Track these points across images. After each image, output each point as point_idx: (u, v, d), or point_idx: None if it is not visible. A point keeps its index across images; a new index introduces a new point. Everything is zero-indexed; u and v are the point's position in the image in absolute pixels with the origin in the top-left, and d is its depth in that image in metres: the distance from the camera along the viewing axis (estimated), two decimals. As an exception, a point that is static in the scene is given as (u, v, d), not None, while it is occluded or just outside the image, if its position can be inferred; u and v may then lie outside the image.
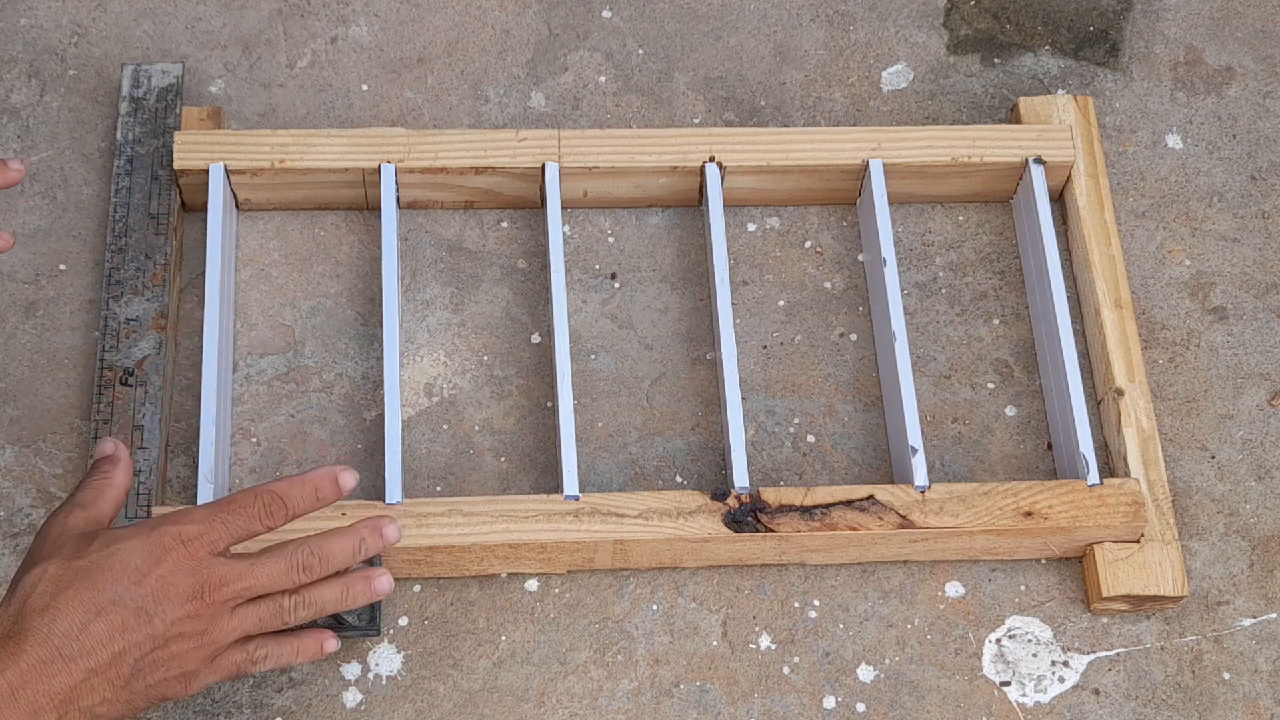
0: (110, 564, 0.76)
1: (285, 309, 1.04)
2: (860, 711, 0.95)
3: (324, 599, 0.83)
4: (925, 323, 1.06)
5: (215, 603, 0.79)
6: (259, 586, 0.80)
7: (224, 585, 0.79)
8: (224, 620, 0.79)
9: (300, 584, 0.82)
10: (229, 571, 0.79)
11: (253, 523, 0.81)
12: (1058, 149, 1.07)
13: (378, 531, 0.84)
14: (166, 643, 0.77)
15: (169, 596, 0.77)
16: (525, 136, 1.05)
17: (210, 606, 0.78)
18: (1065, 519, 0.95)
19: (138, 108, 1.06)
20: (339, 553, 0.83)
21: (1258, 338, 1.07)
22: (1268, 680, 0.97)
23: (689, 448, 1.02)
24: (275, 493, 0.81)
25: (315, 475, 0.83)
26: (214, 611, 0.79)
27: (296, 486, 0.82)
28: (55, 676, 0.73)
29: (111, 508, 0.83)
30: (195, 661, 0.79)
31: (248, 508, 0.81)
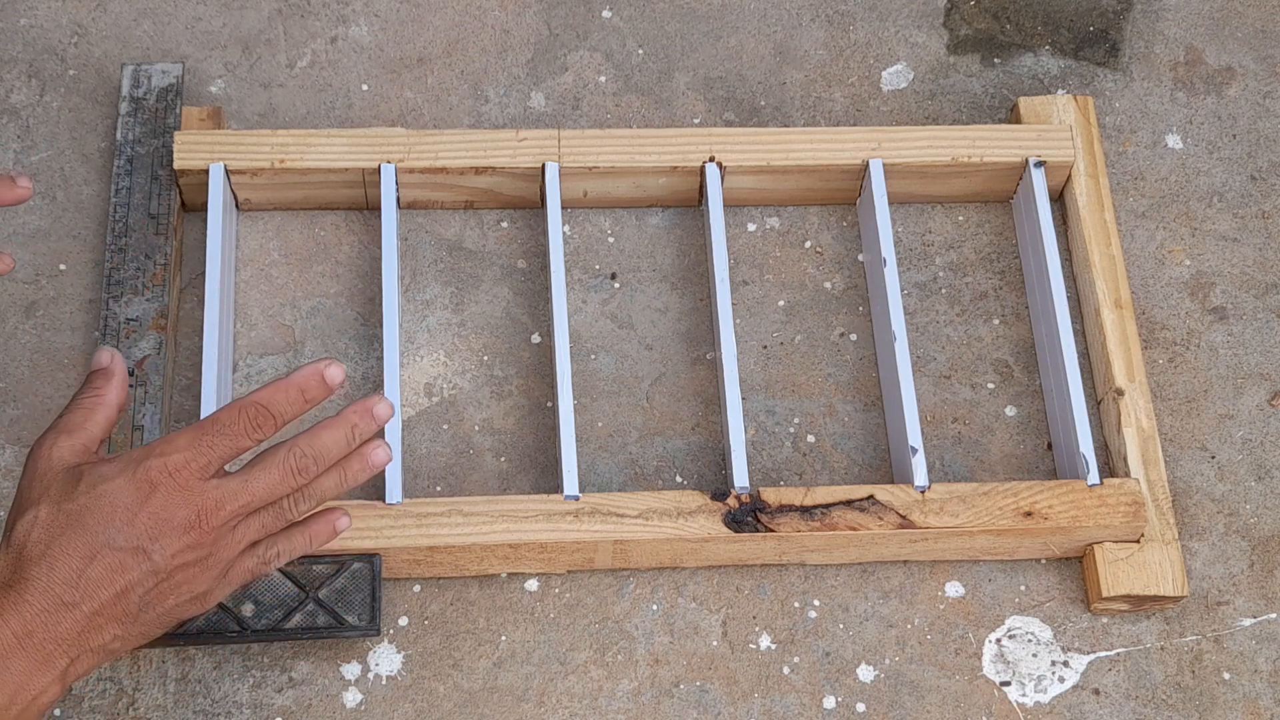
0: (100, 505, 0.74)
1: (285, 309, 1.04)
2: (860, 711, 0.95)
3: (324, 489, 0.80)
4: (925, 323, 1.06)
5: (214, 527, 0.76)
6: (256, 501, 0.77)
7: (220, 508, 0.76)
8: (226, 539, 0.77)
9: (297, 488, 0.79)
10: (223, 493, 0.76)
11: (240, 439, 0.77)
12: (1058, 149, 1.07)
13: (368, 413, 0.79)
14: (170, 574, 0.76)
15: (165, 530, 0.75)
16: (525, 136, 1.05)
17: (209, 532, 0.76)
18: (1065, 519, 0.95)
19: (138, 108, 1.06)
20: (332, 446, 0.79)
21: (1258, 338, 1.07)
22: (1268, 680, 0.97)
23: (689, 448, 1.02)
24: (260, 404, 0.77)
25: (300, 376, 0.78)
26: (214, 535, 0.76)
27: (281, 392, 0.77)
28: (61, 622, 0.73)
29: (101, 430, 0.79)
30: (205, 582, 0.78)
31: (233, 425, 0.76)
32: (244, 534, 0.78)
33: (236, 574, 0.80)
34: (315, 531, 0.82)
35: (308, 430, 0.79)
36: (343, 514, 0.83)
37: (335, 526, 0.83)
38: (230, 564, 0.79)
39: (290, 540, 0.82)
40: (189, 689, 0.93)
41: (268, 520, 0.79)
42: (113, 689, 0.93)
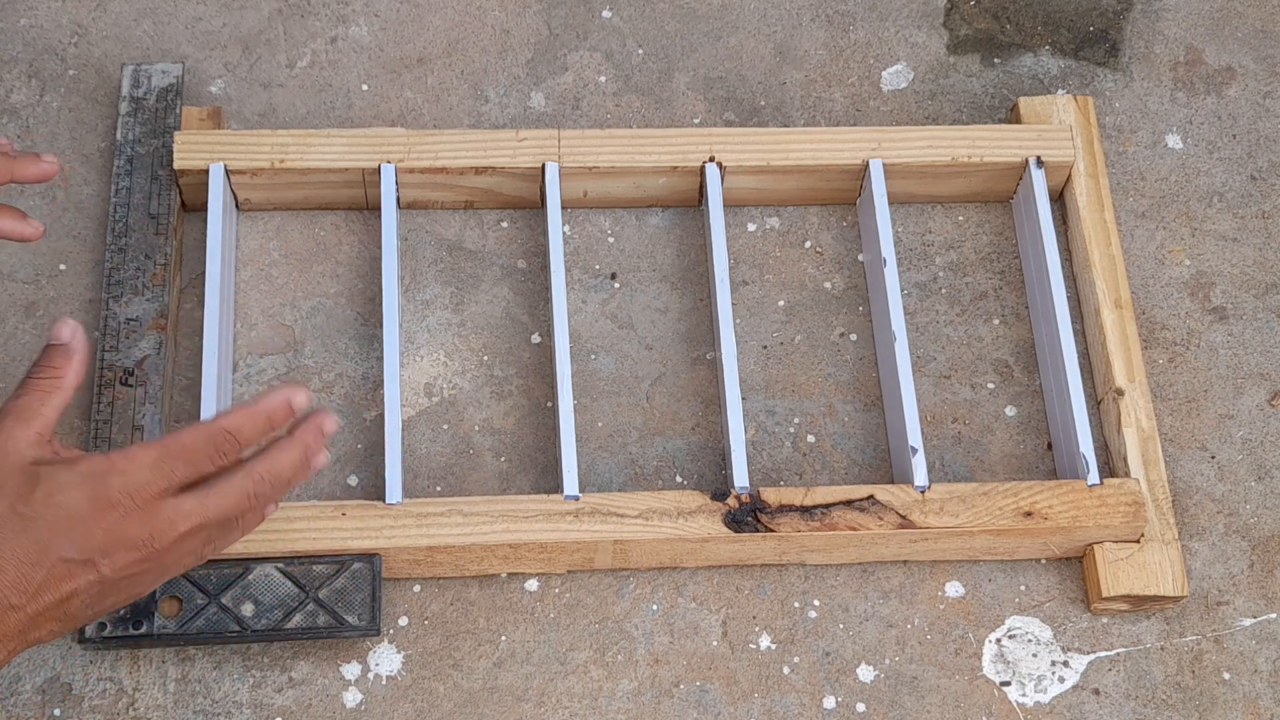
0: (55, 516, 0.74)
1: (285, 309, 1.04)
2: (860, 711, 0.95)
3: (273, 496, 0.79)
4: (925, 323, 1.06)
5: (165, 544, 0.76)
6: (211, 521, 0.77)
7: (174, 527, 0.76)
8: (174, 550, 0.77)
9: (252, 508, 0.79)
10: (179, 514, 0.76)
11: (204, 464, 0.77)
12: (1058, 149, 1.07)
13: (319, 432, 0.80)
14: (116, 583, 0.76)
15: (117, 546, 0.75)
16: (525, 136, 1.05)
17: (160, 548, 0.76)
18: (1065, 519, 0.95)
19: (138, 108, 1.06)
20: (288, 468, 0.79)
21: (1258, 338, 1.07)
22: (1268, 680, 0.97)
23: (689, 448, 1.02)
24: (228, 430, 0.77)
25: (268, 404, 0.78)
26: (164, 547, 0.76)
27: (249, 420, 0.78)
28: (4, 621, 0.73)
29: (56, 415, 0.78)
30: (146, 586, 0.78)
31: (198, 450, 0.76)
32: (192, 545, 0.78)
33: (174, 571, 0.79)
34: (249, 524, 0.81)
35: (266, 453, 0.79)
36: (270, 501, 0.80)
37: (264, 514, 0.81)
38: (171, 565, 0.78)
39: (228, 537, 0.80)
40: (189, 689, 0.93)
41: (216, 535, 0.79)
42: (113, 689, 0.93)
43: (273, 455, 0.79)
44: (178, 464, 0.76)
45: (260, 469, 0.78)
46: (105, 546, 0.75)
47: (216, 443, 0.77)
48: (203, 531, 0.77)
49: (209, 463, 0.77)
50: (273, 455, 0.79)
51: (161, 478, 0.76)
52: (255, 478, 0.78)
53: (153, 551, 0.76)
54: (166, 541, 0.76)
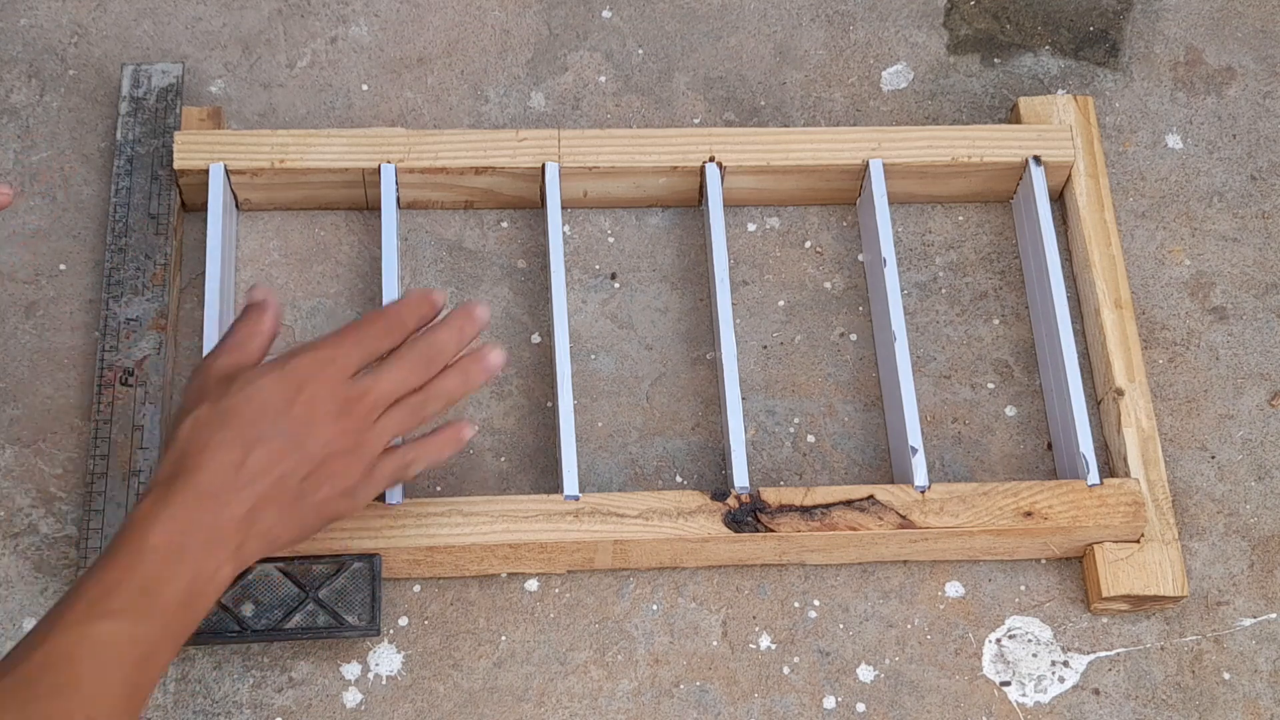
0: (254, 400, 0.81)
1: (285, 309, 1.04)
2: (860, 711, 0.95)
3: (449, 388, 0.87)
4: (925, 323, 1.06)
5: (359, 416, 0.83)
6: (392, 390, 0.84)
7: (363, 398, 0.83)
8: (370, 431, 0.84)
9: (425, 380, 0.86)
10: (363, 386, 0.84)
11: (375, 346, 0.85)
12: (1058, 149, 1.07)
13: (470, 316, 0.88)
14: (323, 462, 0.82)
15: (316, 419, 0.82)
16: (525, 136, 1.05)
17: (356, 420, 0.83)
18: (1065, 519, 0.96)
19: (138, 108, 1.06)
20: (447, 343, 0.87)
21: (1258, 338, 1.07)
22: (1268, 680, 0.97)
23: (689, 448, 1.02)
24: (388, 314, 0.86)
25: (412, 294, 0.88)
26: (359, 424, 0.83)
27: (404, 307, 0.87)
28: (226, 506, 0.79)
29: (259, 352, 0.86)
30: (354, 475, 0.84)
31: (367, 334, 0.85)
32: (385, 427, 0.85)
33: (380, 475, 0.85)
34: (444, 440, 0.88)
35: (423, 333, 0.87)
36: (468, 424, 0.89)
37: (461, 435, 0.88)
38: (374, 463, 0.85)
39: (425, 448, 0.87)
40: (189, 689, 0.93)
41: (404, 416, 0.85)
42: (113, 689, 0.93)
43: (426, 331, 0.87)
44: (353, 345, 0.84)
45: (419, 342, 0.86)
46: (305, 420, 0.82)
47: (383, 326, 0.86)
48: (393, 413, 0.85)
49: (379, 344, 0.85)
50: (426, 331, 0.87)
51: (341, 352, 0.84)
52: (418, 347, 0.86)
53: (349, 423, 0.83)
54: (360, 413, 0.83)
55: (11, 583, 0.95)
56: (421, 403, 0.86)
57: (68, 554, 0.96)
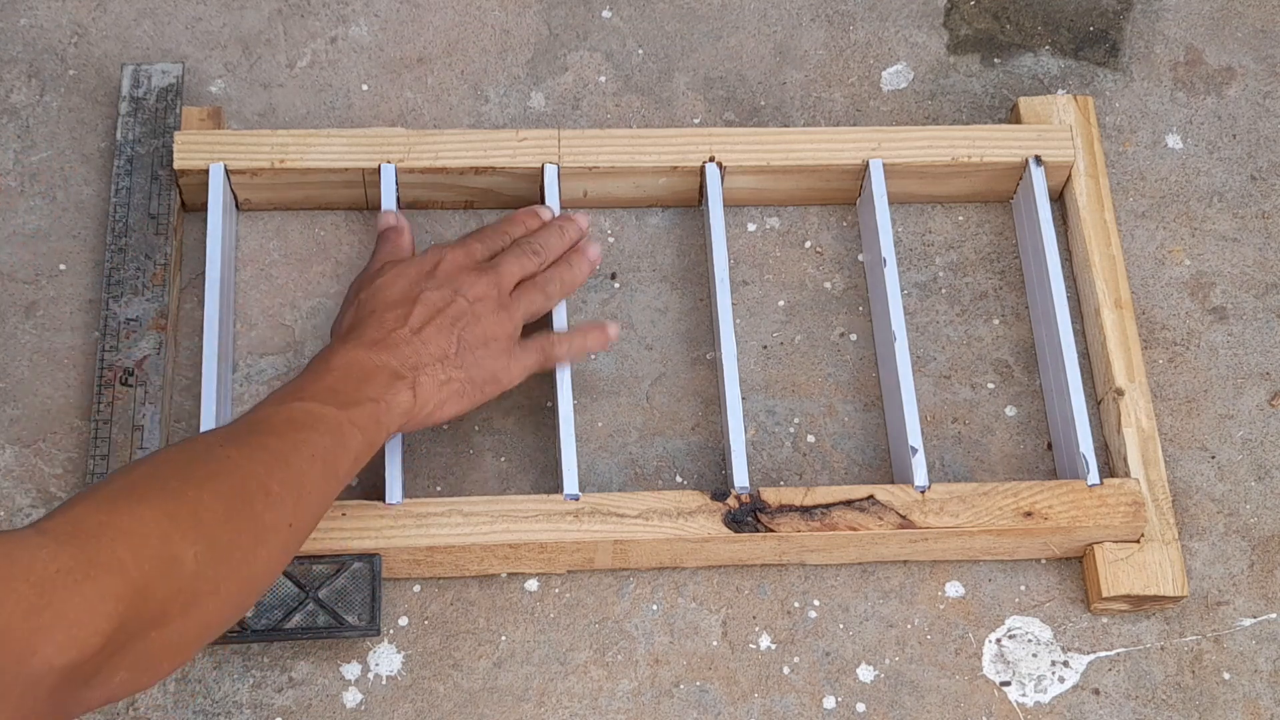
0: (406, 272, 0.93)
1: (285, 309, 1.04)
2: (860, 711, 0.95)
3: (562, 275, 0.98)
4: (925, 323, 1.06)
5: (494, 277, 0.94)
6: (512, 273, 0.95)
7: (494, 269, 0.94)
8: (507, 295, 0.94)
9: (539, 269, 0.97)
10: (491, 262, 0.95)
11: (495, 240, 0.97)
12: (1058, 149, 1.07)
13: (570, 219, 1.00)
14: (472, 303, 0.92)
15: (460, 272, 0.93)
16: (525, 136, 1.05)
17: (493, 278, 0.94)
18: (1065, 519, 0.95)
19: (138, 108, 1.06)
20: (550, 238, 0.98)
21: (1258, 338, 1.07)
22: (1268, 680, 0.97)
23: (689, 448, 1.02)
24: (504, 222, 1.00)
25: (524, 210, 1.02)
26: (498, 282, 0.94)
27: (519, 216, 1.00)
28: (397, 341, 0.89)
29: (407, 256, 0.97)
30: (504, 330, 0.93)
31: (486, 236, 0.97)
32: (519, 296, 0.95)
33: (529, 352, 0.95)
34: (591, 330, 0.98)
35: (528, 233, 0.99)
36: (614, 324, 0.99)
37: (607, 332, 0.99)
38: (517, 338, 0.94)
39: (569, 335, 0.97)
40: (189, 689, 0.93)
41: (533, 294, 0.95)
42: (113, 689, 0.93)
43: (533, 233, 0.99)
44: (474, 243, 0.96)
45: (523, 240, 0.98)
46: (451, 273, 0.93)
47: (498, 230, 0.98)
48: (525, 291, 0.95)
49: (496, 243, 0.97)
50: (533, 233, 0.99)
51: (467, 247, 0.95)
52: (524, 242, 0.97)
53: (492, 279, 0.94)
54: (493, 277, 0.94)
55: (11, 583, 0.95)
56: (543, 282, 0.96)
57: (68, 554, 0.96)
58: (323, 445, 0.82)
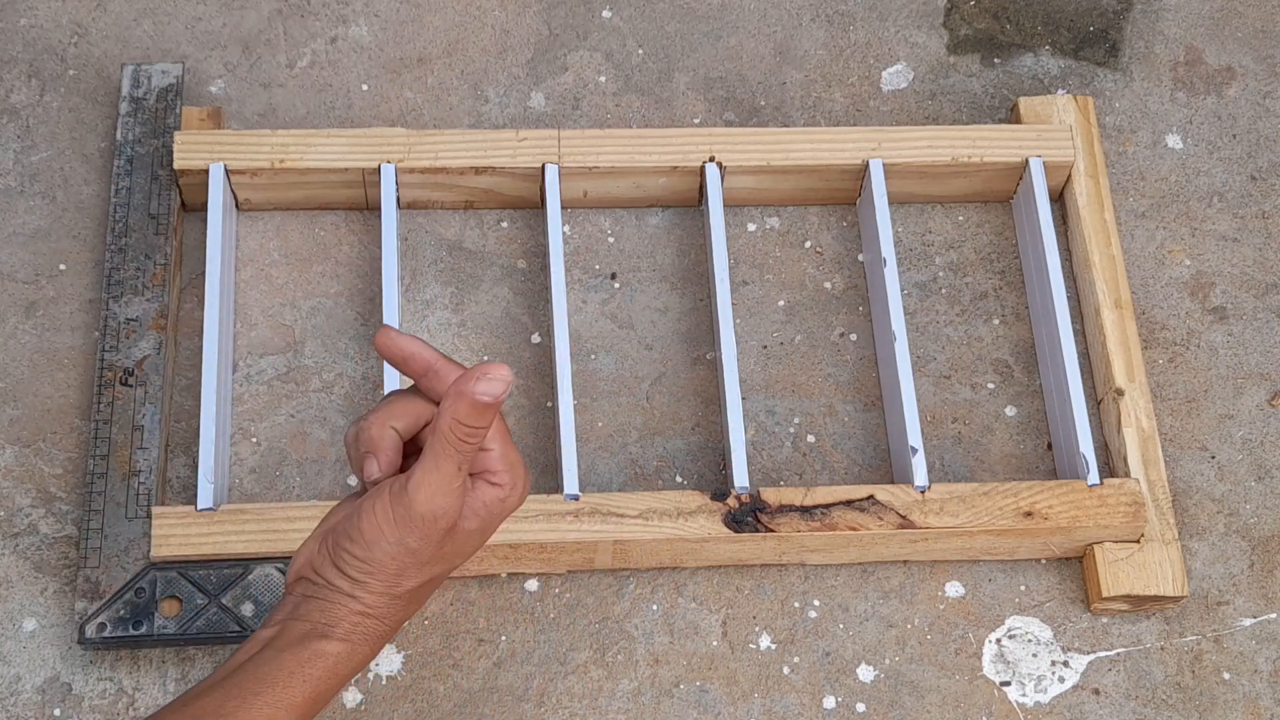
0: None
1: (285, 309, 1.04)
2: (860, 711, 0.95)
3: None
4: (925, 323, 1.06)
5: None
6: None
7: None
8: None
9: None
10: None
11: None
12: (1058, 149, 1.07)
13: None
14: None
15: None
16: (525, 136, 1.05)
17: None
18: (1065, 519, 0.95)
19: (138, 108, 1.06)
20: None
21: (1258, 338, 1.07)
22: (1268, 680, 0.97)
23: (689, 448, 1.02)
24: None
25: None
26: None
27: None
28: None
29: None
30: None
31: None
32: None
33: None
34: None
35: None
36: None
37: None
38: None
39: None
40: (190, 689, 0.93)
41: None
42: (113, 689, 0.93)
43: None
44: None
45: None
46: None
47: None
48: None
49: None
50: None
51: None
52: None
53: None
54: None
55: (11, 583, 0.95)
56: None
57: (68, 554, 0.96)
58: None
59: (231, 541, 0.93)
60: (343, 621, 0.73)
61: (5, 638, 0.94)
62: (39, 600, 0.95)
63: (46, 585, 0.95)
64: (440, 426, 0.71)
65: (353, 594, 0.74)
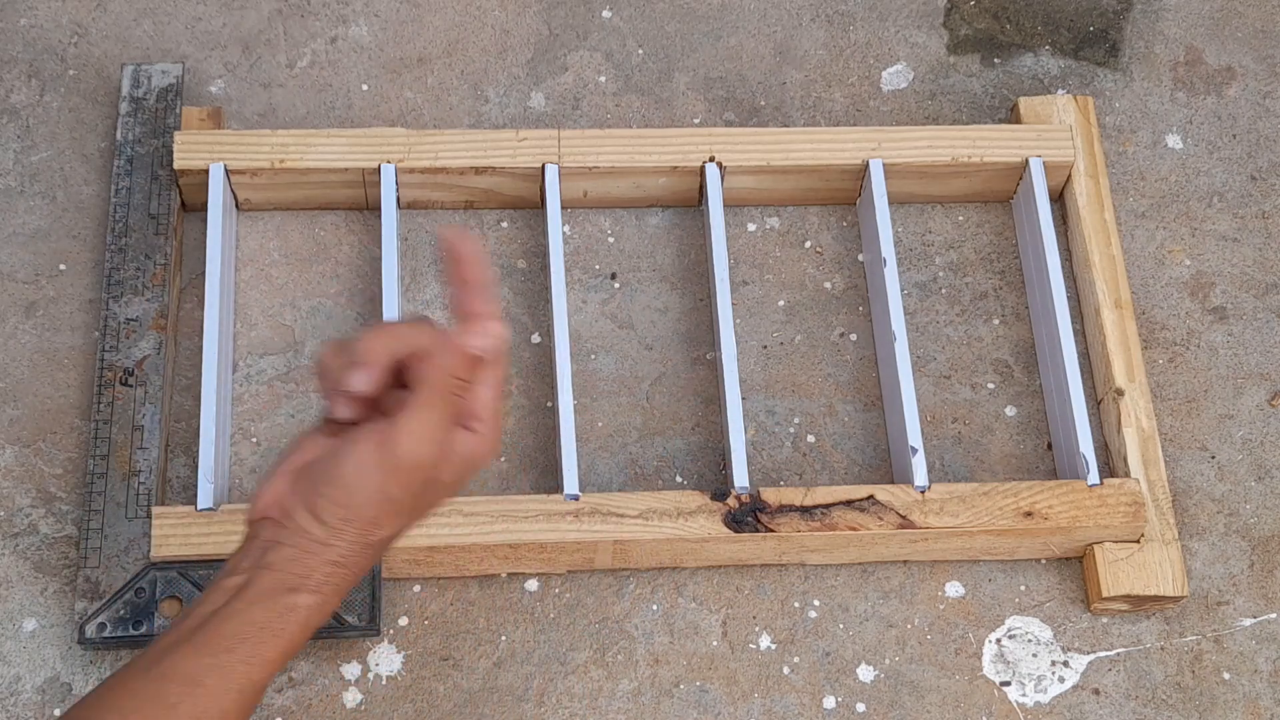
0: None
1: (285, 309, 1.04)
2: (860, 711, 0.95)
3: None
4: (925, 323, 1.06)
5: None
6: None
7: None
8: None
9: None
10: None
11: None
12: (1058, 149, 1.07)
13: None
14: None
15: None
16: (525, 136, 1.05)
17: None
18: (1065, 519, 0.95)
19: (138, 108, 1.06)
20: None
21: (1258, 338, 1.07)
22: (1268, 680, 0.97)
23: (689, 448, 1.02)
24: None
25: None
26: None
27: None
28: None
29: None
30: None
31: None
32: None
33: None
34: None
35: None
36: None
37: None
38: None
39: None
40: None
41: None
42: (113, 689, 0.93)
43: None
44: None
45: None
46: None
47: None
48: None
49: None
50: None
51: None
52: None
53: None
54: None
55: (11, 583, 0.95)
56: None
57: (68, 554, 0.96)
58: None
59: (232, 541, 0.92)
60: (315, 572, 0.71)
61: (5, 638, 0.94)
62: (39, 600, 0.95)
63: (46, 585, 0.95)
64: (431, 376, 0.70)
65: (327, 542, 0.71)
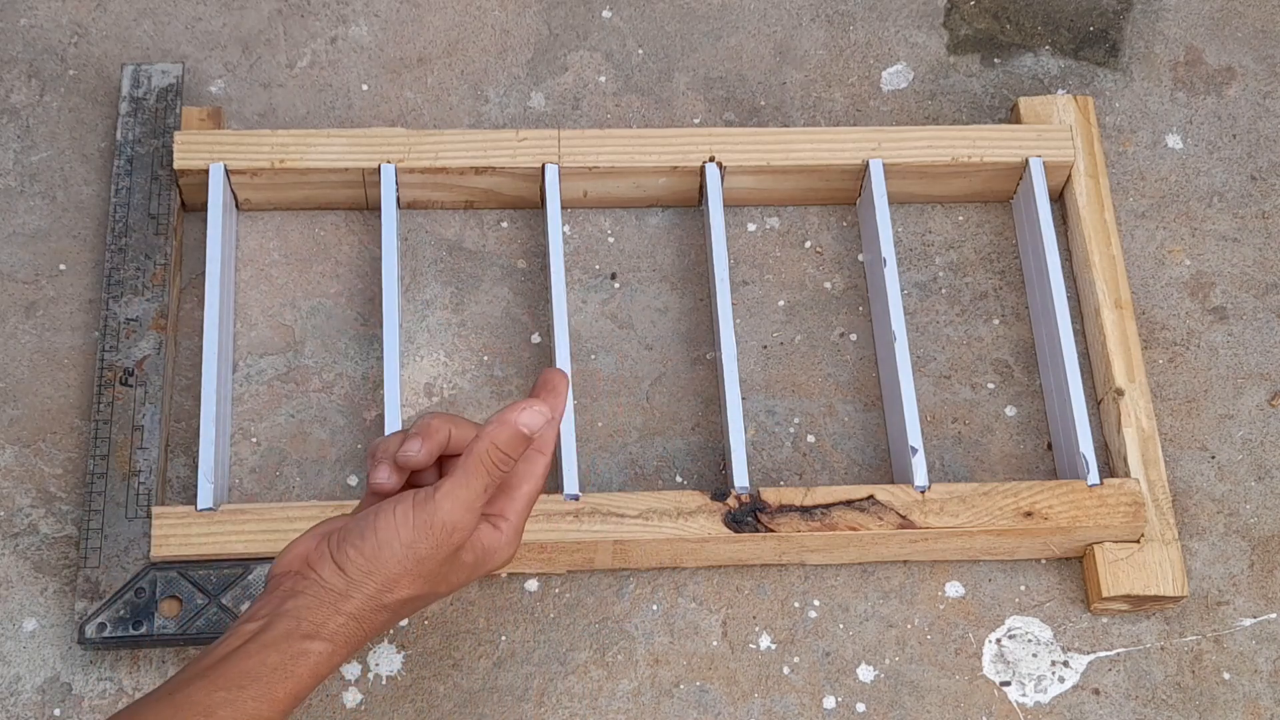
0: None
1: (285, 309, 1.04)
2: (860, 711, 0.95)
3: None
4: (925, 323, 1.06)
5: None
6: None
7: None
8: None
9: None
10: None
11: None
12: (1058, 149, 1.07)
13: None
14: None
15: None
16: (525, 136, 1.05)
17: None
18: (1065, 519, 0.95)
19: (138, 108, 1.06)
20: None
21: (1258, 338, 1.07)
22: (1268, 680, 0.97)
23: (689, 448, 1.02)
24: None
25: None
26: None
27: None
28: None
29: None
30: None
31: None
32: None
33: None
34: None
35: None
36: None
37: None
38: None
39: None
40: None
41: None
42: (113, 689, 0.93)
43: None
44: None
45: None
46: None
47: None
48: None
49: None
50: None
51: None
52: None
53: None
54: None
55: (11, 583, 0.95)
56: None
57: (68, 554, 0.96)
58: None
59: (231, 541, 0.93)
60: (330, 621, 0.74)
61: (5, 638, 0.94)
62: (39, 600, 0.95)
63: (46, 585, 0.95)
64: (478, 448, 0.76)
65: (346, 593, 0.75)
